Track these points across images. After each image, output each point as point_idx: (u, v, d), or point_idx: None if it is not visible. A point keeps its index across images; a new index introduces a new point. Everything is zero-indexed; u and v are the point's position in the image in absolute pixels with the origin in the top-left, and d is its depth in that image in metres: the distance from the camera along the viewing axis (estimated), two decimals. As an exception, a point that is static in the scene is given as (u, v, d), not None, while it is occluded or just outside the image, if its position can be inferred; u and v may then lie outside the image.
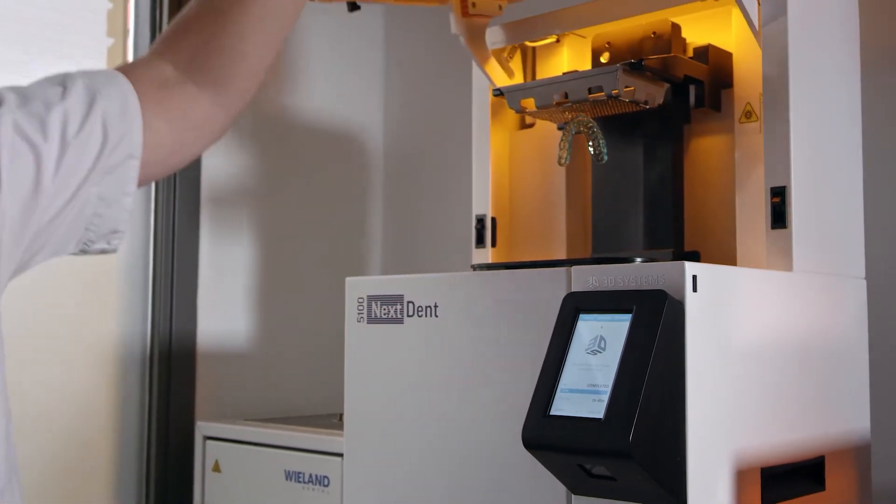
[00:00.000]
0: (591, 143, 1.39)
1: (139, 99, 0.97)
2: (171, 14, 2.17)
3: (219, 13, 1.04)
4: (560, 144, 1.42)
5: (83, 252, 1.01)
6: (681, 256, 1.42)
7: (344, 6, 1.45)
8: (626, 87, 1.32)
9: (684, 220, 1.48)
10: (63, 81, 0.95)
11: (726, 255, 1.42)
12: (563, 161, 1.42)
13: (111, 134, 0.95)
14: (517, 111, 1.46)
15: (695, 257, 1.44)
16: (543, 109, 1.41)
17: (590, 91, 1.34)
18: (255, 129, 2.38)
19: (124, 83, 0.98)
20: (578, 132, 1.40)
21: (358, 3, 1.45)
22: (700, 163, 1.49)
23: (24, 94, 0.93)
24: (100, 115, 0.95)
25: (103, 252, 1.04)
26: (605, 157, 1.40)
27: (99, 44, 2.14)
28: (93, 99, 0.95)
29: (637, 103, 1.35)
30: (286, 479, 1.94)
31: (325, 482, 1.87)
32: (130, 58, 2.19)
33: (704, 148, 1.48)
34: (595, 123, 1.40)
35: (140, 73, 1.00)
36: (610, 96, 1.32)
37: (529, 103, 1.43)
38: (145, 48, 2.17)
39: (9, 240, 0.91)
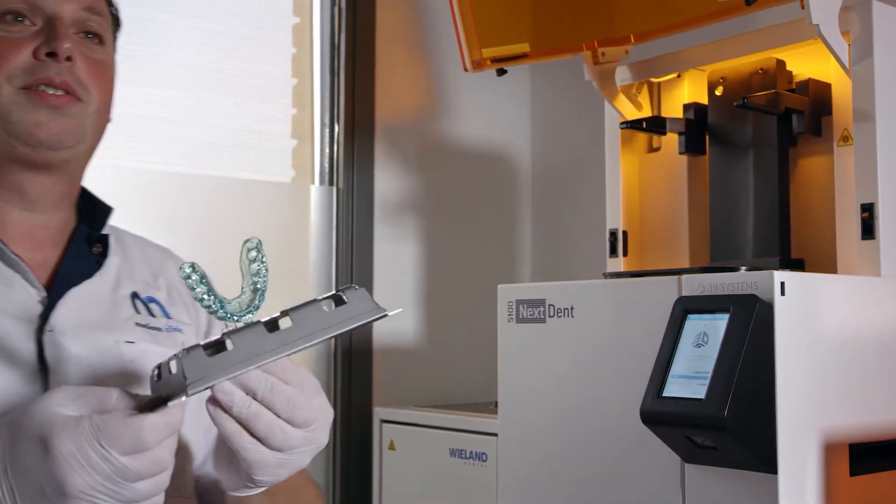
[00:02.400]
0: None
1: None
2: (348, 57, 2.41)
3: None
4: None
5: None
6: (786, 264, 1.59)
7: (493, 70, 1.71)
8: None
9: (791, 231, 1.63)
10: None
11: (828, 263, 1.57)
12: None
13: None
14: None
15: (799, 265, 1.61)
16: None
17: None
18: (419, 153, 2.56)
19: None
20: None
21: (505, 69, 1.70)
22: (805, 181, 1.65)
23: None
24: None
25: None
26: None
27: (286, 85, 2.46)
28: None
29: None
30: (450, 455, 2.08)
31: (484, 458, 2.01)
32: (317, 94, 2.45)
33: (809, 168, 1.65)
34: None
35: None
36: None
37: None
38: (327, 87, 2.44)
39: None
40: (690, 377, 1.29)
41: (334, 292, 0.86)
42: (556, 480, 1.55)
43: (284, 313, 0.84)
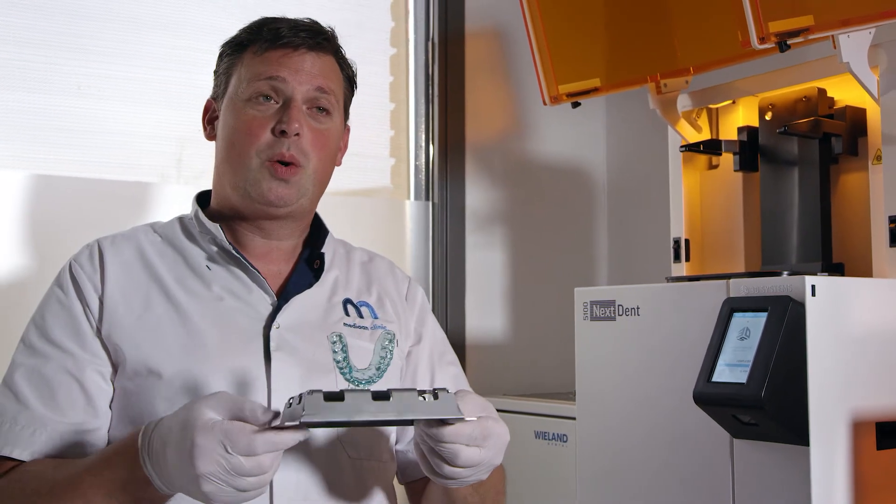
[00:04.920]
0: None
1: None
2: (440, 84, 2.64)
3: None
4: None
5: None
6: (827, 268, 1.79)
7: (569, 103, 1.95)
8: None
9: (832, 239, 1.82)
10: None
11: (865, 267, 1.76)
12: None
13: None
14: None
15: (839, 269, 1.81)
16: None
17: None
18: (505, 168, 2.75)
19: None
20: None
21: (579, 102, 1.94)
22: (845, 195, 1.84)
23: None
24: None
25: None
26: None
27: (384, 110, 2.68)
28: None
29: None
30: (535, 437, 2.24)
31: (564, 439, 2.17)
32: (412, 117, 2.68)
33: (848, 183, 1.84)
34: None
35: None
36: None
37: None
38: (422, 112, 2.67)
39: None
40: (735, 365, 1.50)
41: (432, 389, 1.05)
42: (625, 456, 1.76)
43: (390, 391, 1.03)
